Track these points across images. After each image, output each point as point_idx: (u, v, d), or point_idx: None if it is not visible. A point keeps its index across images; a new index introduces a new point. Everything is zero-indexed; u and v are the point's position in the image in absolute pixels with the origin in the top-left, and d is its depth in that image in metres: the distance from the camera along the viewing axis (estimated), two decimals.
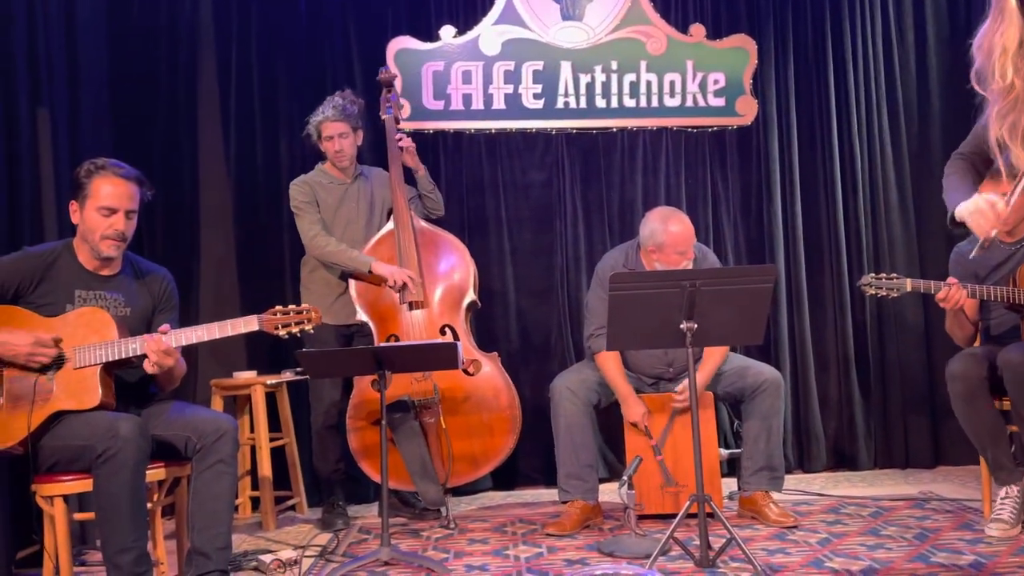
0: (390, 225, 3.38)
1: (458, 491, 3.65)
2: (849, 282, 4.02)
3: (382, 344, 3.18)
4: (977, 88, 1.89)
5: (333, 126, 3.35)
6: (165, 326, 2.39)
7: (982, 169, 2.03)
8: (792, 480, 3.69)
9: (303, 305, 2.47)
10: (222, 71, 3.87)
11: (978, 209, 1.81)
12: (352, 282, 3.32)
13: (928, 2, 4.12)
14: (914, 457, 4.03)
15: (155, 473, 2.38)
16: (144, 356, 2.34)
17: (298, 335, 2.44)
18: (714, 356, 3.12)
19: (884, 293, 2.89)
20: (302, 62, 3.92)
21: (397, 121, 3.51)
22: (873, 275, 2.94)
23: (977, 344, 3.05)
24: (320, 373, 3.14)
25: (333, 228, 3.38)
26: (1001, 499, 2.79)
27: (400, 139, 3.43)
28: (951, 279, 2.85)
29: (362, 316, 3.30)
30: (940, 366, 3.19)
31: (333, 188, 3.41)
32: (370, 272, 3.25)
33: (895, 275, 2.91)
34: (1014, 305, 2.85)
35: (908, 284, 2.86)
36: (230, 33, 3.88)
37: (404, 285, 3.23)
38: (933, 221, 4.07)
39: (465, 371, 3.23)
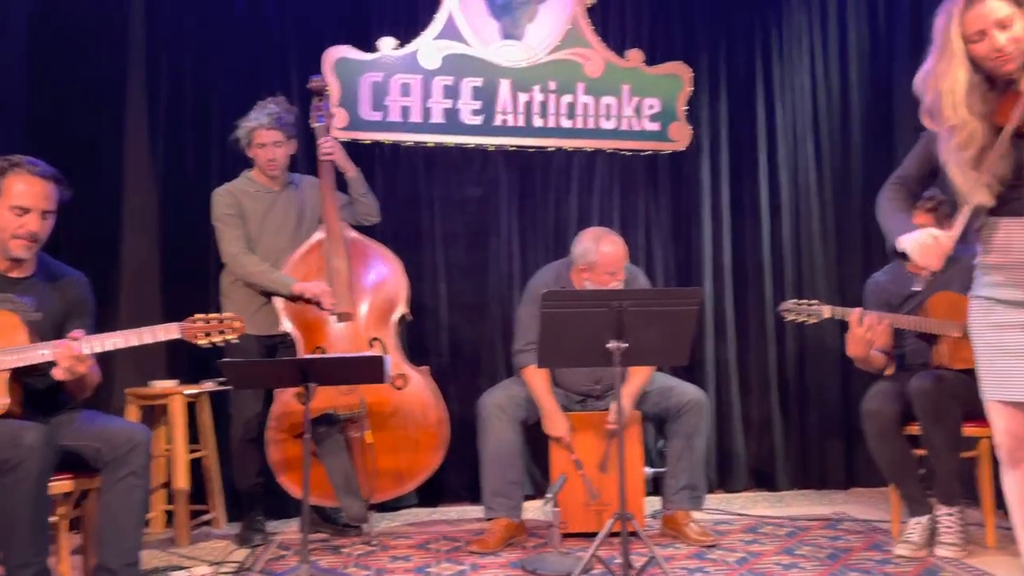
0: (319, 234, 3.33)
1: (382, 507, 3.60)
2: (773, 307, 4.13)
3: (308, 356, 3.12)
4: (928, 124, 1.97)
5: (267, 134, 3.28)
6: (77, 332, 2.30)
7: (917, 191, 2.12)
8: (713, 499, 3.76)
9: (226, 314, 2.41)
10: (151, 72, 3.76)
11: (924, 244, 1.88)
12: None
13: (852, 42, 4.29)
14: (829, 478, 4.15)
15: (61, 485, 2.28)
16: (54, 363, 2.24)
17: (220, 344, 2.38)
18: (639, 375, 3.16)
19: (803, 319, 2.99)
20: (236, 66, 3.84)
21: (328, 130, 3.46)
22: (794, 301, 3.04)
23: (889, 372, 3.18)
24: (243, 384, 3.06)
25: (260, 238, 3.31)
26: (913, 524, 2.90)
27: (324, 142, 3.36)
28: (860, 310, 2.96)
29: (287, 327, 3.23)
30: (856, 391, 3.32)
31: (260, 197, 3.34)
32: (292, 293, 3.19)
33: (815, 301, 3.01)
34: (925, 334, 2.98)
35: (826, 311, 2.97)
36: (162, 33, 3.78)
37: (324, 302, 3.17)
38: (853, 251, 4.23)
39: (393, 385, 3.20)
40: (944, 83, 1.90)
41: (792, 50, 4.27)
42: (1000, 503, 3.03)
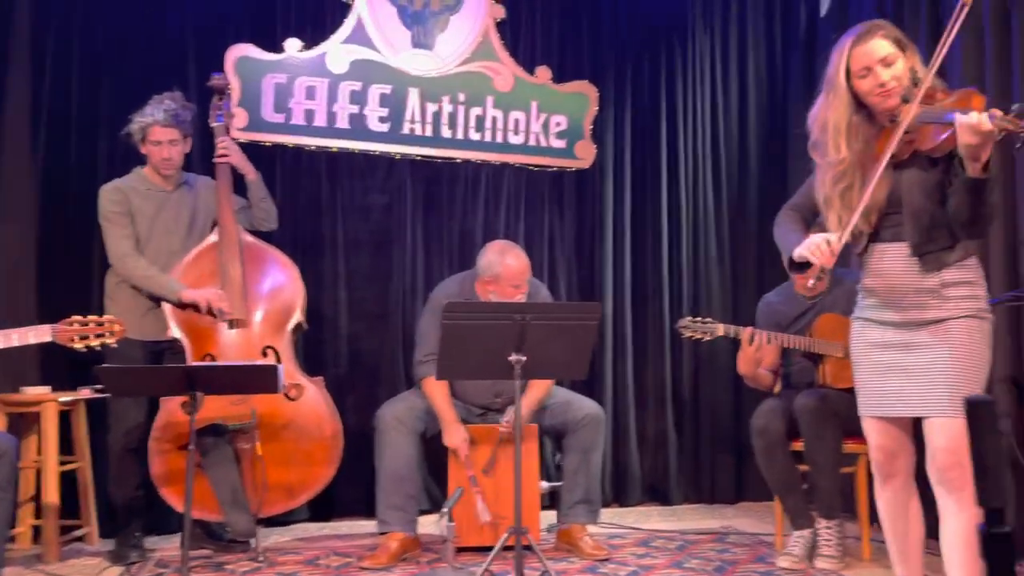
0: (213, 237, 3.20)
1: (271, 521, 3.47)
2: (670, 325, 4.23)
3: (195, 363, 2.98)
4: (814, 156, 2.08)
5: (163, 132, 3.14)
6: None
7: (810, 219, 2.21)
8: (608, 513, 3.80)
9: (105, 316, 2.27)
10: (36, 58, 3.54)
11: (816, 244, 1.96)
12: None
13: (751, 71, 4.47)
14: (719, 493, 4.27)
15: None
16: None
17: (98, 349, 2.24)
18: (540, 387, 3.17)
19: (699, 336, 3.07)
20: (131, 58, 3.66)
21: (228, 130, 3.34)
22: (690, 318, 3.12)
23: (777, 390, 3.30)
24: (122, 391, 2.88)
25: (150, 238, 3.16)
26: (795, 537, 3.01)
27: (221, 142, 3.24)
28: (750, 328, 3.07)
29: (175, 333, 3.09)
30: (746, 408, 3.44)
31: (152, 195, 3.19)
32: (180, 301, 3.05)
33: (709, 319, 3.10)
34: (810, 354, 3.11)
35: (720, 329, 3.06)
36: (49, 17, 3.56)
37: (220, 308, 3.05)
38: (747, 272, 4.39)
39: (286, 395, 3.09)
40: (830, 118, 2.01)
41: (695, 76, 4.41)
42: (875, 517, 3.19)
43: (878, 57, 1.96)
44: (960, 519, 1.93)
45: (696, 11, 4.42)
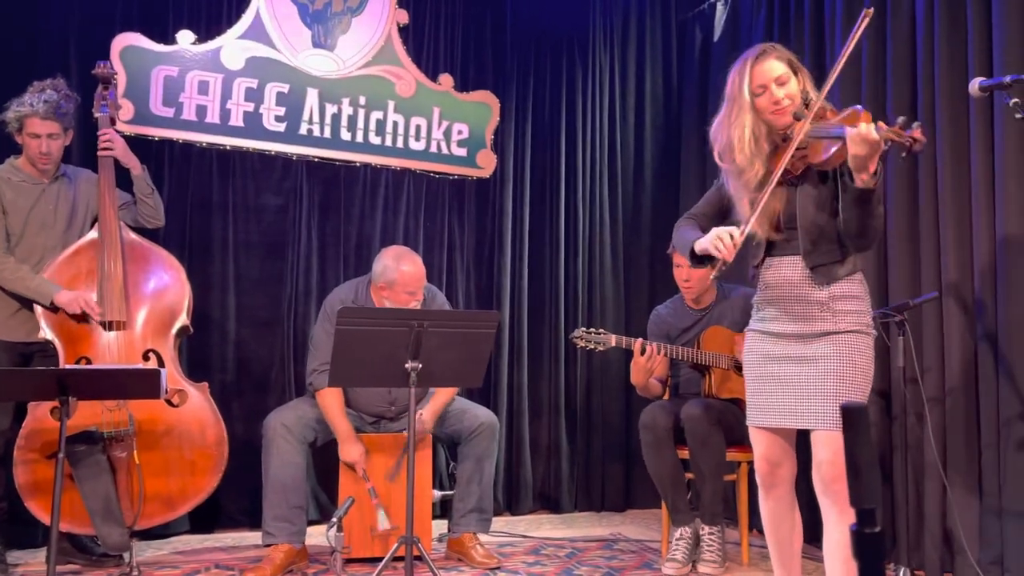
0: (93, 234, 3.03)
1: (148, 534, 3.30)
2: (565, 335, 4.30)
3: (68, 366, 2.80)
4: (720, 163, 2.17)
5: (42, 124, 2.94)
6: None
7: (707, 227, 2.29)
8: (499, 522, 3.81)
9: None
10: None
11: (718, 236, 2.04)
12: None
13: (647, 90, 4.61)
14: (608, 500, 4.36)
15: None
16: None
17: None
18: (443, 394, 3.16)
19: (592, 346, 3.13)
20: (9, 43, 3.42)
21: (113, 121, 3.18)
22: (583, 329, 3.17)
23: (666, 398, 3.40)
24: None
25: (24, 234, 2.96)
26: (676, 540, 3.09)
27: (104, 134, 3.08)
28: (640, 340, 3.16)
29: (47, 334, 2.90)
30: (636, 417, 3.50)
31: (26, 188, 2.99)
32: (52, 304, 2.87)
33: (602, 330, 3.16)
34: (697, 365, 3.22)
35: (612, 339, 3.12)
36: None
37: (90, 314, 2.89)
38: (640, 285, 4.51)
39: (168, 401, 2.95)
40: (735, 128, 2.10)
41: (595, 91, 4.50)
42: (754, 523, 3.33)
43: (773, 76, 2.08)
44: (842, 528, 2.02)
45: (597, 29, 4.52)
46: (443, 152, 4.17)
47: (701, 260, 2.14)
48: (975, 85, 2.20)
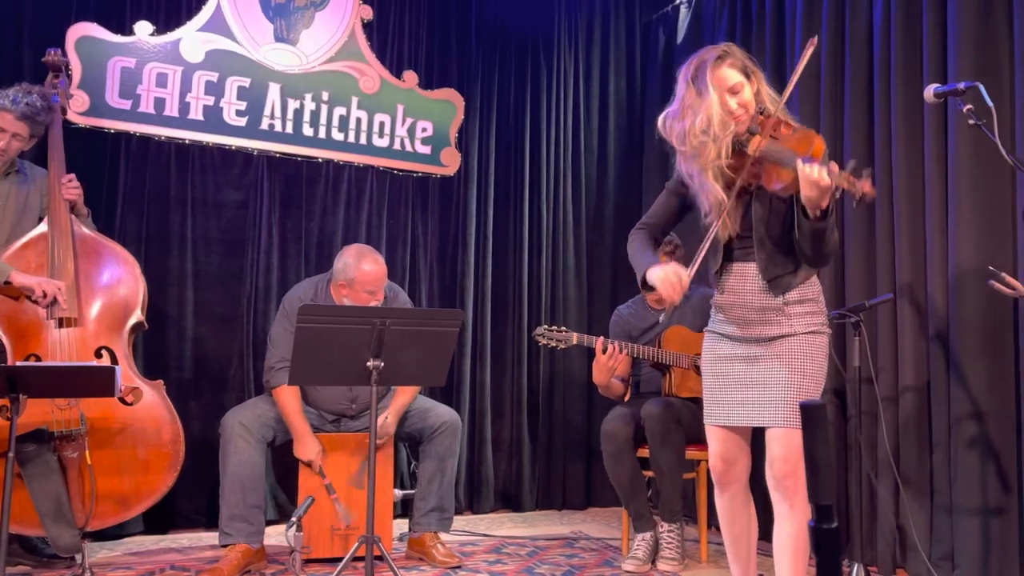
0: (43, 227, 2.95)
1: (101, 535, 3.22)
2: (528, 334, 4.30)
3: (20, 363, 2.73)
4: (677, 145, 2.13)
5: (13, 123, 2.85)
6: None
7: (659, 237, 2.30)
8: (461, 521, 3.80)
9: None
10: None
11: (667, 279, 2.05)
12: None
13: (611, 90, 4.64)
14: (570, 499, 4.37)
15: None
16: None
17: None
18: (406, 393, 3.14)
19: (554, 344, 3.13)
20: None
21: (64, 111, 3.10)
22: (546, 327, 3.18)
23: (627, 399, 3.42)
24: None
25: None
26: (639, 540, 3.12)
27: (69, 180, 2.99)
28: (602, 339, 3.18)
29: None
30: (598, 416, 3.54)
31: None
32: (8, 283, 2.79)
33: (564, 328, 3.17)
34: (658, 364, 3.24)
35: (574, 337, 3.14)
36: None
37: (54, 299, 2.81)
38: (602, 285, 4.53)
39: (122, 399, 2.89)
40: (700, 111, 2.06)
41: (559, 91, 4.52)
42: (712, 520, 3.37)
43: (727, 85, 2.08)
44: (791, 523, 2.06)
45: (562, 30, 4.54)
46: (407, 149, 4.15)
47: (652, 287, 2.15)
48: (930, 91, 2.25)
